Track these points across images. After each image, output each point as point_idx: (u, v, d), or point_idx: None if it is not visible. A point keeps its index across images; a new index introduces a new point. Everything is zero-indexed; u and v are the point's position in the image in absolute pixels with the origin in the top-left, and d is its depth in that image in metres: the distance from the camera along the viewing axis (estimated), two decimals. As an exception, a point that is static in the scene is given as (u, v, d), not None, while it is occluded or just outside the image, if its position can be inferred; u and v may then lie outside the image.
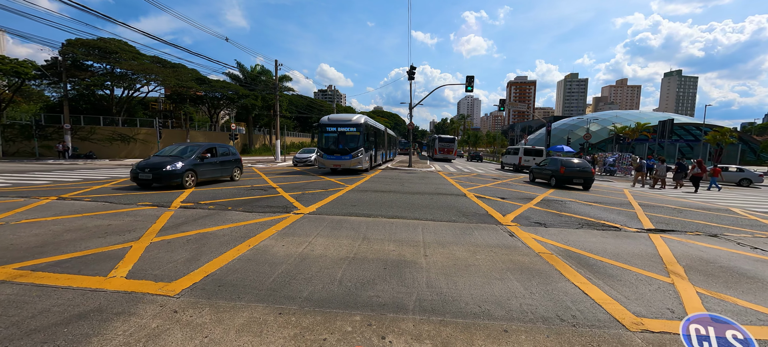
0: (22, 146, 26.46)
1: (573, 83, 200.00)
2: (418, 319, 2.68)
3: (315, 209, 7.08)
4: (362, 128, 15.96)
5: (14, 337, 2.28)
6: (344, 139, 15.98)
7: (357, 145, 15.77)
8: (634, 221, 7.14)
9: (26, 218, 5.74)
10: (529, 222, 6.57)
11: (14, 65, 25.68)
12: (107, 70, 28.29)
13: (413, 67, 22.23)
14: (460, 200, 9.20)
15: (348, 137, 15.96)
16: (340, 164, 15.80)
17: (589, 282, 3.59)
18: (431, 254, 4.33)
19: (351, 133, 15.91)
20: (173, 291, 3.02)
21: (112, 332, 2.37)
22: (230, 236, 4.87)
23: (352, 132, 15.89)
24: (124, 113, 31.61)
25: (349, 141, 15.92)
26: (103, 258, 3.82)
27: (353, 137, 15.90)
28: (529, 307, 2.95)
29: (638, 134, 34.11)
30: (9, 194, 8.30)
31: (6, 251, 4.01)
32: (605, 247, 5.02)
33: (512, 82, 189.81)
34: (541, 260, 4.27)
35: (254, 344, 2.28)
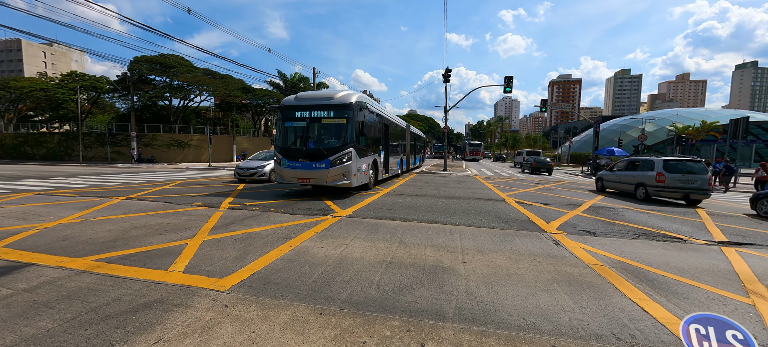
0: (97, 151, 30.08)
1: (624, 80, 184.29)
2: (458, 328, 2.61)
3: (351, 212, 7.20)
4: (352, 112, 9.10)
5: (93, 321, 2.57)
6: (318, 132, 9.40)
7: (342, 142, 9.05)
8: (702, 232, 6.38)
9: (101, 215, 6.50)
10: (577, 230, 6.14)
11: (92, 81, 29.40)
12: (167, 83, 31.29)
13: (448, 70, 21.91)
14: (499, 205, 8.85)
15: (325, 128, 9.40)
16: (308, 177, 9.02)
17: (650, 298, 3.25)
18: (470, 261, 4.20)
19: (330, 121, 9.26)
20: (224, 287, 3.23)
21: (172, 322, 2.59)
22: (273, 236, 5.12)
23: (334, 119, 9.21)
24: (180, 120, 34.71)
25: (326, 135, 9.40)
26: (164, 254, 4.20)
27: (335, 129, 9.31)
28: (579, 322, 2.74)
29: (704, 135, 30.59)
30: (87, 194, 9.46)
31: (86, 244, 4.56)
32: (667, 260, 4.53)
33: (554, 82, 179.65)
34: (592, 272, 3.96)
35: (297, 342, 2.36)
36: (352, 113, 9.16)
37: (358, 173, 9.60)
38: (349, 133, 9.10)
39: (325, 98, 9.44)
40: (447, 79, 22.09)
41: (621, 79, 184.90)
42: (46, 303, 2.84)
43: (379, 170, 11.94)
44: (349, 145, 9.06)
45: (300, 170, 9.09)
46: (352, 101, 9.29)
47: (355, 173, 9.33)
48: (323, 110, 9.26)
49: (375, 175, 11.47)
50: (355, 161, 9.21)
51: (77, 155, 29.28)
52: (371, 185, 11.07)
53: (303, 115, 9.36)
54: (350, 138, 9.10)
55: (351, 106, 9.19)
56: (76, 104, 29.02)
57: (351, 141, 9.09)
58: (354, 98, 9.44)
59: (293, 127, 9.62)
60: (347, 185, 9.21)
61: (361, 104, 9.67)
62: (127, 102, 32.37)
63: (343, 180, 9.10)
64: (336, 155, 8.93)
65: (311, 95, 9.87)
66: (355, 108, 9.22)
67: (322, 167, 8.90)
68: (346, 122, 9.12)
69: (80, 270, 3.60)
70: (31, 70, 72.04)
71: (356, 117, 9.23)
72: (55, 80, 32.18)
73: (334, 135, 9.36)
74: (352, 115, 9.14)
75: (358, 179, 9.66)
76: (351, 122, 9.11)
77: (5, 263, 3.80)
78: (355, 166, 9.23)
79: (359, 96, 9.83)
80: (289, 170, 9.23)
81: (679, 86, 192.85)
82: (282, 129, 9.65)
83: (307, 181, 9.15)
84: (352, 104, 9.23)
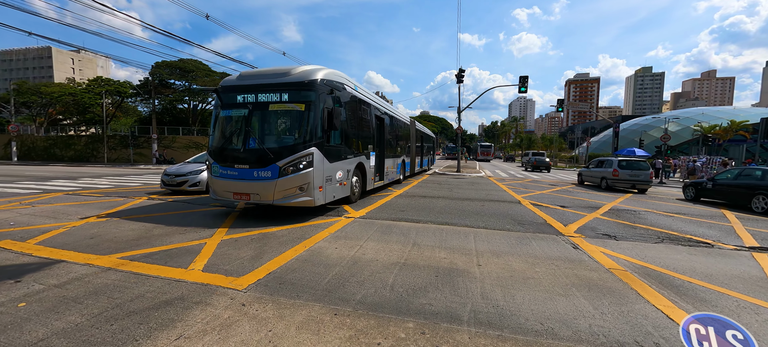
0: (121, 153, 31.34)
1: (646, 78, 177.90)
2: (474, 332, 2.58)
3: (365, 213, 7.23)
4: (315, 94, 6.40)
5: (118, 317, 2.67)
6: (264, 124, 6.74)
7: (299, 138, 6.33)
8: (731, 237, 6.08)
9: (125, 215, 6.75)
10: (596, 234, 5.96)
11: (117, 86, 30.69)
12: (186, 87, 32.32)
13: (462, 70, 21.71)
14: (515, 207, 8.69)
15: (274, 118, 6.78)
16: (247, 191, 6.25)
17: (675, 305, 3.12)
18: (485, 264, 4.14)
19: (282, 107, 6.54)
20: (241, 286, 3.30)
21: (192, 319, 2.66)
22: (288, 236, 5.19)
23: (288, 105, 6.48)
24: (199, 123, 35.74)
25: (275, 129, 6.81)
26: (184, 252, 4.33)
27: (289, 120, 6.72)
28: (600, 329, 2.66)
29: (733, 134, 29.18)
30: (112, 194, 9.86)
31: (111, 242, 4.75)
32: (693, 266, 4.34)
33: (571, 80, 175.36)
34: (613, 276, 3.84)
35: (313, 342, 2.39)
36: (316, 95, 6.26)
37: (328, 185, 6.73)
38: (310, 125, 6.19)
39: (276, 74, 6.63)
40: (460, 80, 21.90)
41: (642, 77, 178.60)
42: (74, 299, 2.97)
43: (367, 176, 9.17)
44: (311, 143, 6.16)
45: (235, 180, 6.18)
46: (316, 79, 6.34)
47: (321, 186, 6.46)
48: (273, 91, 6.35)
49: (362, 184, 8.86)
50: (319, 166, 6.33)
51: (102, 156, 30.60)
52: (354, 198, 8.28)
53: (246, 99, 6.46)
54: (312, 133, 6.19)
55: (314, 85, 6.26)
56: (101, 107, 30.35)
57: (314, 137, 6.20)
58: (320, 73, 6.50)
59: (231, 117, 6.75)
60: (306, 204, 6.20)
61: (331, 83, 6.77)
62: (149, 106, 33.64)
63: (300, 197, 6.12)
64: (288, 158, 5.98)
65: (260, 71, 7.17)
66: (320, 89, 6.32)
67: (266, 176, 6.00)
68: (305, 108, 6.25)
69: (106, 268, 3.75)
70: (61, 76, 75.92)
71: (323, 102, 6.33)
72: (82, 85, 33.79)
73: (287, 128, 6.62)
74: (316, 98, 6.26)
75: (328, 192, 6.78)
76: (314, 108, 6.22)
77: (37, 259, 4.01)
78: (319, 174, 6.35)
79: (329, 72, 6.88)
80: (221, 180, 6.34)
81: (705, 84, 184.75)
82: (217, 122, 6.83)
83: (247, 197, 6.14)
84: (315, 82, 6.28)
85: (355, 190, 8.33)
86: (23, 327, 2.49)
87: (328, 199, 6.88)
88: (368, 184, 9.39)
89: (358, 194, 8.62)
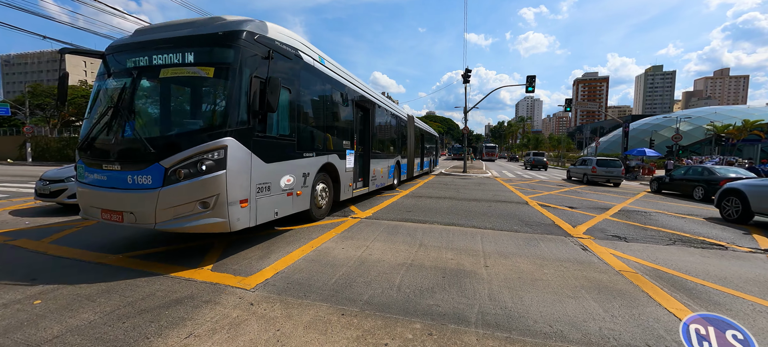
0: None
1: (656, 77, 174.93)
2: (482, 333, 2.56)
3: (371, 213, 7.23)
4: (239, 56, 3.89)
5: (130, 315, 2.72)
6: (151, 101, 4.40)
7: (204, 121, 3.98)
8: (746, 239, 5.95)
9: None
10: (606, 235, 5.88)
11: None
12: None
13: (468, 70, 21.61)
14: (522, 208, 8.62)
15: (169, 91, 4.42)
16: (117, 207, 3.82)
17: (688, 308, 3.06)
18: (492, 266, 4.11)
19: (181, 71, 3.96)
20: (249, 285, 3.33)
21: (202, 317, 2.69)
22: (295, 236, 5.22)
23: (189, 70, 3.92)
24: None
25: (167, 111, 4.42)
26: (194, 251, 4.38)
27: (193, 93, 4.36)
28: (610, 332, 2.62)
29: (746, 134, 28.53)
30: (123, 194, 10.03)
31: (123, 240, 4.84)
32: (707, 269, 4.26)
33: (579, 80, 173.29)
34: (623, 279, 3.78)
35: (320, 341, 2.40)
36: (237, 56, 3.93)
37: (262, 196, 4.40)
38: (226, 102, 3.87)
39: (182, 25, 4.38)
40: (467, 80, 21.79)
41: (652, 76, 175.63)
42: (88, 297, 3.03)
43: (341, 182, 7.03)
44: (225, 130, 3.79)
45: (103, 190, 3.93)
46: (240, 31, 4.06)
47: (245, 198, 4.06)
48: (172, 49, 3.98)
49: (332, 193, 6.80)
50: (241, 167, 3.96)
51: (113, 157, 31.09)
52: (319, 213, 6.27)
53: (136, 62, 4.11)
54: (230, 114, 3.84)
55: (234, 40, 3.97)
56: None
57: (231, 121, 3.84)
58: (248, 26, 4.19)
59: (108, 91, 4.30)
60: (216, 229, 3.82)
61: (270, 43, 4.47)
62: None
63: (203, 218, 3.73)
64: (179, 154, 3.66)
65: (163, 24, 4.74)
66: (245, 48, 4.03)
67: (144, 183, 3.72)
68: (216, 74, 3.93)
69: (118, 266, 3.82)
70: (73, 79, 77.49)
71: (251, 68, 4.06)
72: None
73: (186, 108, 4.52)
74: (237, 61, 3.92)
75: (263, 208, 4.44)
76: (232, 75, 3.89)
77: (52, 258, 4.10)
78: (240, 180, 3.96)
79: (268, 26, 4.60)
80: (87, 189, 4.11)
81: (718, 83, 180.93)
82: (94, 101, 4.43)
83: (119, 218, 3.84)
84: (236, 35, 4.00)
85: (320, 201, 6.26)
86: (39, 324, 2.55)
87: (263, 218, 4.47)
88: (343, 192, 7.19)
89: (326, 206, 6.53)
